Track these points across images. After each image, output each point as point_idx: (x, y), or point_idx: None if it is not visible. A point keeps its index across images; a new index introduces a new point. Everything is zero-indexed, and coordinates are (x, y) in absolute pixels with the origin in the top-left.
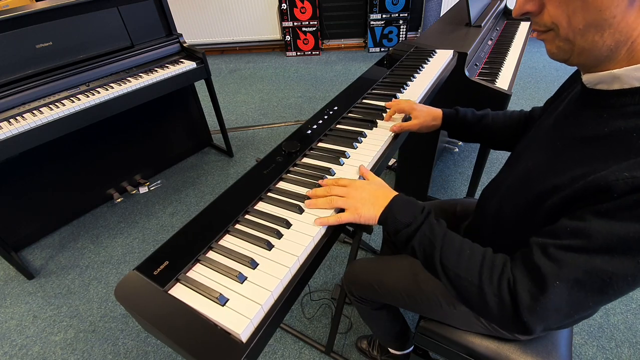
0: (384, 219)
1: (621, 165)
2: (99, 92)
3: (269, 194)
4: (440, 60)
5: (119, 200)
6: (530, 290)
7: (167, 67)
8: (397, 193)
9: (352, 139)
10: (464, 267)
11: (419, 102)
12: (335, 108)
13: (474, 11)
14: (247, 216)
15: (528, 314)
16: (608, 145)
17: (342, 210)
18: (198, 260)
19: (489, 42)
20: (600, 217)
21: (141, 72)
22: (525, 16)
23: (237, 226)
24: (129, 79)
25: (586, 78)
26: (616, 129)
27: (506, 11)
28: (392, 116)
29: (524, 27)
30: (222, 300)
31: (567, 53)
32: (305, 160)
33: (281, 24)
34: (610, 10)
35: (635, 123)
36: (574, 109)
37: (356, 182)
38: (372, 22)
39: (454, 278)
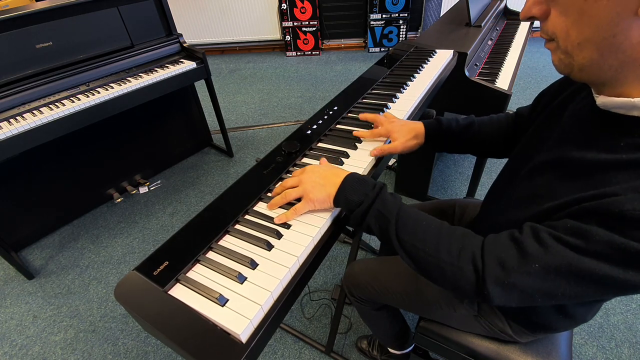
0: (337, 200)
1: (636, 195)
2: (99, 92)
3: (269, 194)
4: (440, 60)
5: (119, 200)
6: (503, 262)
7: (167, 67)
8: (349, 172)
9: (353, 139)
10: (420, 239)
11: (419, 102)
12: (335, 108)
13: (474, 11)
14: (247, 216)
15: (493, 284)
16: (625, 174)
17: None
18: (198, 261)
19: (489, 42)
20: (606, 227)
21: (141, 72)
22: (532, 20)
23: (237, 226)
24: (129, 79)
25: (601, 101)
26: (635, 160)
27: (506, 11)
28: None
29: (524, 27)
30: (222, 301)
31: (568, 67)
32: (305, 160)
33: (281, 24)
34: (610, 28)
35: None
36: (585, 128)
37: (307, 168)
38: (372, 22)
39: (410, 249)
